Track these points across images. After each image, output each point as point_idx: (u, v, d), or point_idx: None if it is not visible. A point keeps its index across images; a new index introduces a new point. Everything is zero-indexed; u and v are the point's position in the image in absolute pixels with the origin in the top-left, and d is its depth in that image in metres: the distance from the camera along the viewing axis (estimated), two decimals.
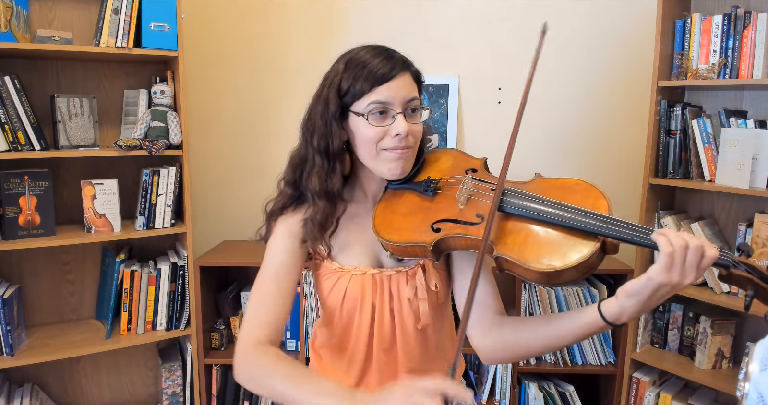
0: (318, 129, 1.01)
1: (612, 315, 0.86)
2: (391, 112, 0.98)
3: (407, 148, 1.00)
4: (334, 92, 0.99)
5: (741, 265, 0.83)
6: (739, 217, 1.98)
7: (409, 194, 1.04)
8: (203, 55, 2.35)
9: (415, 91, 1.02)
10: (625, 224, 0.85)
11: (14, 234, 1.84)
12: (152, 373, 2.34)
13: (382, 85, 0.97)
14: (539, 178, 1.00)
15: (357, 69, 0.98)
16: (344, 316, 1.08)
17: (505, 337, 1.01)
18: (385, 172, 1.02)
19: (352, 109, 0.99)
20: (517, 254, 0.88)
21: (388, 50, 1.02)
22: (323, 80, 1.04)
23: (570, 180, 0.97)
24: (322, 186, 1.01)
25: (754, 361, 0.67)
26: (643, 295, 0.83)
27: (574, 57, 2.33)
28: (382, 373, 1.10)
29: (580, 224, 0.87)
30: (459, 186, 1.00)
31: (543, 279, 0.87)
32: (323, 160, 1.01)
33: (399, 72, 0.99)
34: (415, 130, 1.01)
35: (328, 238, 1.05)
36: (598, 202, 0.91)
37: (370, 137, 0.98)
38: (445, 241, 0.96)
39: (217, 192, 2.45)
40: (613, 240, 0.86)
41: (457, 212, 0.97)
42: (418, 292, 1.06)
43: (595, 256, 0.85)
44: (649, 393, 2.07)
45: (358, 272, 1.06)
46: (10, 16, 1.77)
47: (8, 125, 1.78)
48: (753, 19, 1.76)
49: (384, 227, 1.00)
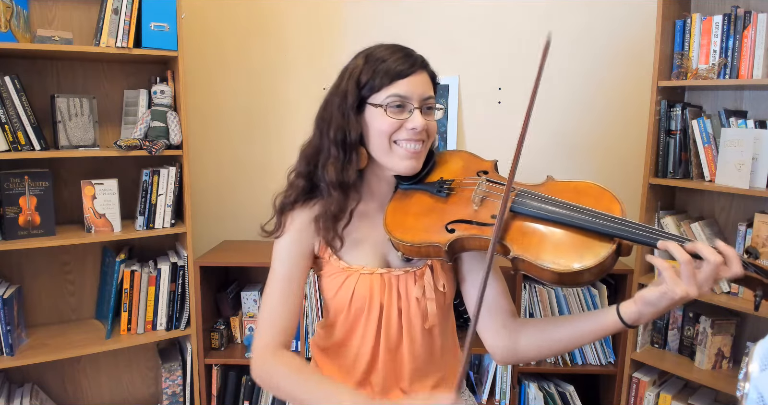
0: (335, 120, 1.01)
1: (631, 318, 0.89)
2: (409, 106, 0.99)
3: (421, 141, 1.01)
4: (353, 84, 1.00)
5: (751, 267, 0.84)
6: (739, 217, 1.98)
7: (420, 195, 1.04)
8: (203, 55, 2.35)
9: (431, 90, 1.03)
10: (640, 226, 0.87)
11: (14, 234, 1.84)
12: (152, 373, 2.33)
13: (402, 79, 0.98)
14: (551, 181, 1.01)
15: (377, 63, 0.99)
16: (351, 316, 1.08)
17: (521, 340, 1.03)
18: (398, 166, 1.02)
19: (370, 101, 1.00)
20: (534, 255, 0.88)
21: (407, 49, 1.04)
22: (341, 73, 1.04)
23: (582, 183, 0.98)
24: (338, 177, 1.01)
25: (754, 361, 0.67)
26: (660, 305, 0.85)
27: (574, 57, 2.33)
28: (387, 373, 1.10)
29: (597, 226, 0.88)
30: (474, 187, 1.00)
31: (559, 280, 0.88)
32: (339, 151, 1.01)
33: (417, 69, 1.01)
34: (430, 127, 1.02)
35: (341, 231, 1.05)
36: (612, 205, 0.92)
37: (385, 128, 0.99)
38: (460, 242, 0.96)
39: (217, 192, 2.45)
40: (628, 242, 0.87)
41: (471, 213, 0.97)
42: (427, 292, 1.07)
43: (611, 257, 0.87)
44: (649, 393, 2.07)
45: (366, 272, 1.06)
46: (10, 16, 1.77)
47: (8, 125, 1.78)
48: (753, 19, 1.76)
49: (396, 227, 1.00)
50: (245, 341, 2.26)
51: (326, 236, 1.05)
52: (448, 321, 1.16)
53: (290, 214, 1.07)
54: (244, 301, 2.28)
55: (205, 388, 2.18)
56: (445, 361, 1.16)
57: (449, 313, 1.17)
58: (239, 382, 2.25)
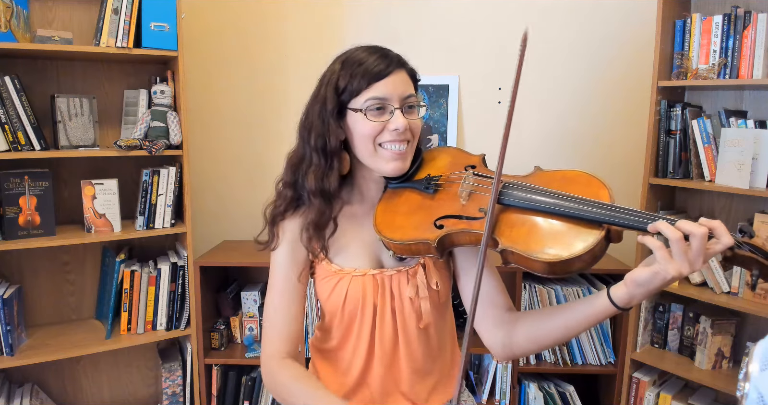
0: (315, 127, 1.01)
1: (622, 300, 0.88)
2: (389, 107, 0.99)
3: (405, 142, 1.01)
4: (331, 91, 1.00)
5: (745, 246, 0.83)
6: (739, 217, 1.98)
7: (409, 193, 1.04)
8: (203, 55, 2.35)
9: (411, 89, 1.03)
10: (628, 211, 0.85)
11: (14, 234, 1.84)
12: (152, 373, 2.34)
13: (379, 81, 0.98)
14: (539, 171, 1.00)
15: (354, 67, 0.99)
16: (345, 318, 1.08)
17: (517, 333, 1.02)
18: (384, 168, 1.02)
19: (350, 106, 1.00)
20: (523, 246, 0.88)
21: (383, 49, 1.03)
22: (320, 80, 1.05)
23: (570, 171, 0.97)
24: (318, 185, 1.02)
25: (754, 361, 0.67)
26: (651, 285, 0.84)
27: (574, 57, 2.33)
28: (385, 374, 1.10)
29: (583, 213, 0.87)
30: (460, 182, 1.00)
31: (549, 269, 0.87)
32: (320, 159, 1.02)
33: (395, 69, 1.00)
34: (413, 125, 1.02)
35: (326, 239, 1.06)
36: (600, 191, 0.91)
37: (367, 132, 0.99)
38: (449, 237, 0.96)
39: (217, 192, 2.45)
40: (617, 227, 0.86)
41: (459, 208, 0.97)
42: (420, 291, 1.07)
43: (600, 244, 0.85)
44: (649, 393, 2.07)
45: (358, 273, 1.06)
46: (10, 16, 1.77)
47: (8, 125, 1.78)
48: (753, 19, 1.76)
49: (386, 226, 1.00)
50: (245, 341, 2.26)
51: (309, 246, 1.06)
52: (444, 319, 1.16)
53: (281, 224, 1.08)
54: (244, 301, 2.28)
55: (205, 388, 2.18)
56: (443, 359, 1.16)
57: (446, 310, 1.16)
58: (239, 382, 2.25)
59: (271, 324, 1.06)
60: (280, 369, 1.01)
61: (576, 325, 0.95)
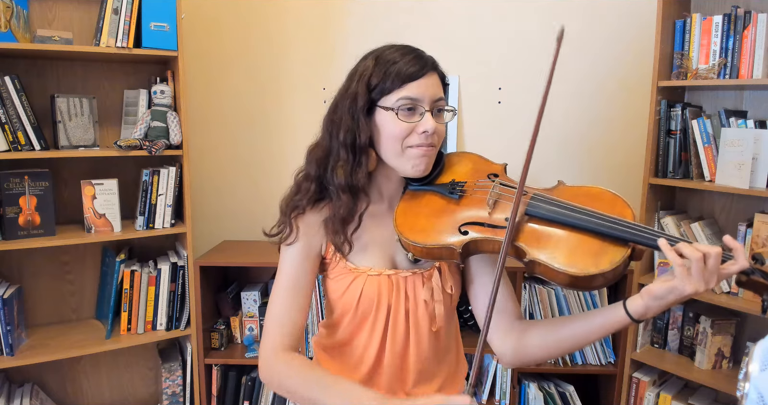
0: (345, 123, 1.00)
1: (638, 313, 0.91)
2: (420, 109, 0.99)
3: (432, 146, 1.01)
4: (363, 87, 0.99)
5: (757, 272, 0.87)
6: (739, 217, 1.98)
7: (431, 196, 1.04)
8: (203, 55, 2.35)
9: (441, 92, 1.03)
10: (654, 232, 0.88)
11: (14, 234, 1.84)
12: (152, 373, 2.34)
13: (413, 82, 0.98)
14: (563, 186, 1.02)
15: (388, 65, 0.98)
16: (358, 317, 1.07)
17: (529, 341, 1.03)
18: (408, 170, 1.01)
19: (380, 103, 0.99)
20: (550, 258, 0.89)
21: (417, 50, 1.03)
22: (350, 76, 1.03)
23: (594, 188, 0.99)
24: (347, 180, 1.01)
25: (754, 361, 0.67)
26: (667, 300, 0.88)
27: (574, 57, 2.33)
28: (392, 374, 1.10)
29: (614, 231, 0.89)
30: (488, 190, 1.00)
31: (573, 283, 0.89)
32: (349, 155, 1.01)
33: (429, 71, 1.00)
34: (440, 130, 1.02)
35: (350, 235, 1.04)
36: (625, 211, 0.94)
37: (397, 133, 0.98)
38: (474, 244, 0.96)
39: (217, 192, 2.45)
40: (642, 247, 0.89)
41: (485, 215, 0.98)
42: (435, 295, 1.07)
43: (625, 262, 0.89)
44: (649, 393, 2.07)
45: (373, 273, 1.05)
46: (10, 16, 1.77)
47: (8, 125, 1.78)
48: (753, 19, 1.76)
49: (407, 228, 1.00)
50: (245, 341, 2.26)
51: (335, 240, 1.04)
52: (452, 322, 1.16)
53: (301, 217, 1.05)
54: (244, 301, 2.28)
55: (205, 388, 2.18)
56: (449, 362, 1.16)
57: (453, 314, 1.17)
58: (239, 382, 2.25)
59: (274, 317, 1.03)
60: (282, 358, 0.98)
61: (588, 336, 0.97)
